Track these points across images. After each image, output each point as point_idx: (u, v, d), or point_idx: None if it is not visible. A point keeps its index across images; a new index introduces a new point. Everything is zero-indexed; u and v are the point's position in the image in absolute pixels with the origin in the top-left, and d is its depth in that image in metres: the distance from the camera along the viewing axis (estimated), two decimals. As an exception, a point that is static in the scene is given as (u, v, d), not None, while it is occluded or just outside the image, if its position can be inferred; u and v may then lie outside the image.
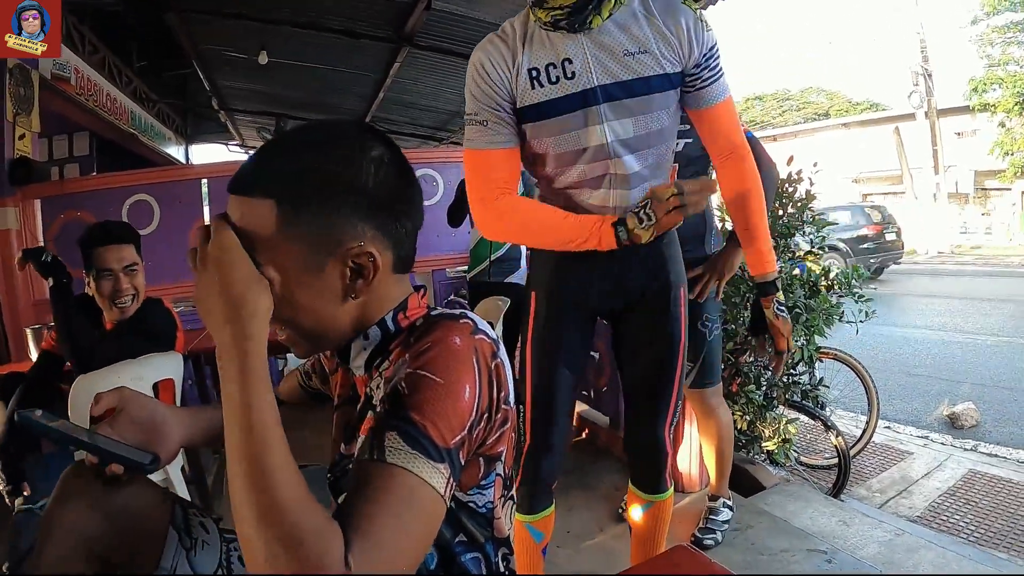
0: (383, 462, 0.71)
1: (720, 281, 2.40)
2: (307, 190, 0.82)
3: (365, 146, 0.88)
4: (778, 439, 3.14)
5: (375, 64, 7.09)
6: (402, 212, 0.90)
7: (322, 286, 0.85)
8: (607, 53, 1.50)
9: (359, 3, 5.56)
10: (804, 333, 3.05)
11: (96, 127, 7.35)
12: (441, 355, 0.78)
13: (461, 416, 0.76)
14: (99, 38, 6.86)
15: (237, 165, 3.08)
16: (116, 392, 1.03)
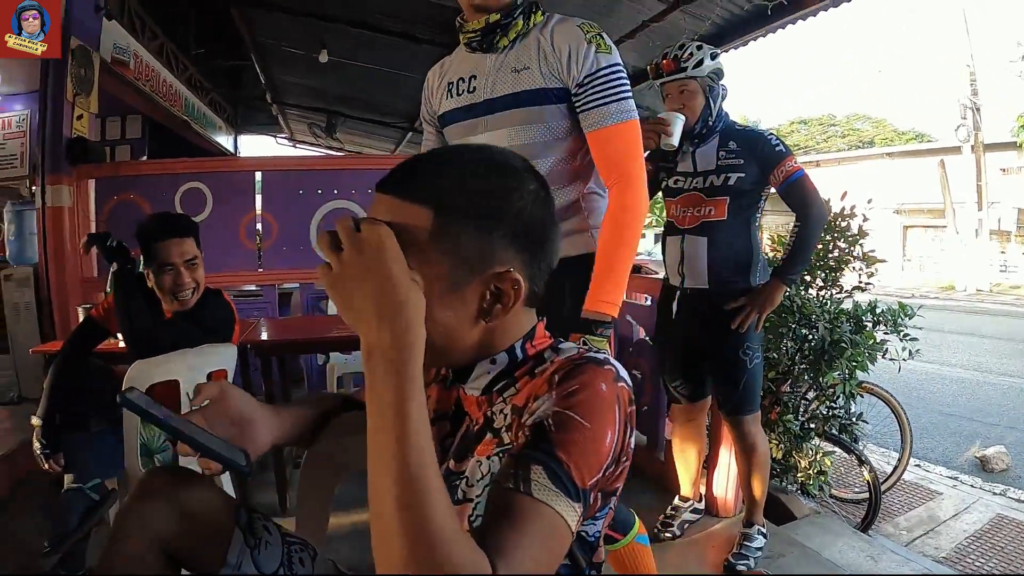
0: (529, 495, 0.72)
1: (761, 314, 2.43)
2: (469, 206, 0.83)
3: (528, 178, 0.89)
4: (813, 471, 3.12)
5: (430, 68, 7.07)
6: (547, 249, 0.91)
7: (459, 303, 0.85)
8: (503, 70, 1.69)
9: (420, 8, 5.58)
10: (847, 367, 3.02)
11: (149, 111, 7.44)
12: (588, 400, 0.79)
13: (601, 461, 0.78)
14: (159, 25, 6.97)
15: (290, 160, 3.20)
16: (216, 385, 1.05)
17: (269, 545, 1.11)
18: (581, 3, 5.02)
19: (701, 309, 2.54)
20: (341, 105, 9.86)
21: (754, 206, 2.50)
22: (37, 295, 4.52)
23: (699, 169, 2.52)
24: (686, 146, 2.54)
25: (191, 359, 2.30)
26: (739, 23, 4.66)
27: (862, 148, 30.94)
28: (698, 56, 2.43)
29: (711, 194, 2.48)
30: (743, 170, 2.42)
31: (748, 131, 2.53)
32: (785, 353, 3.06)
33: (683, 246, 2.54)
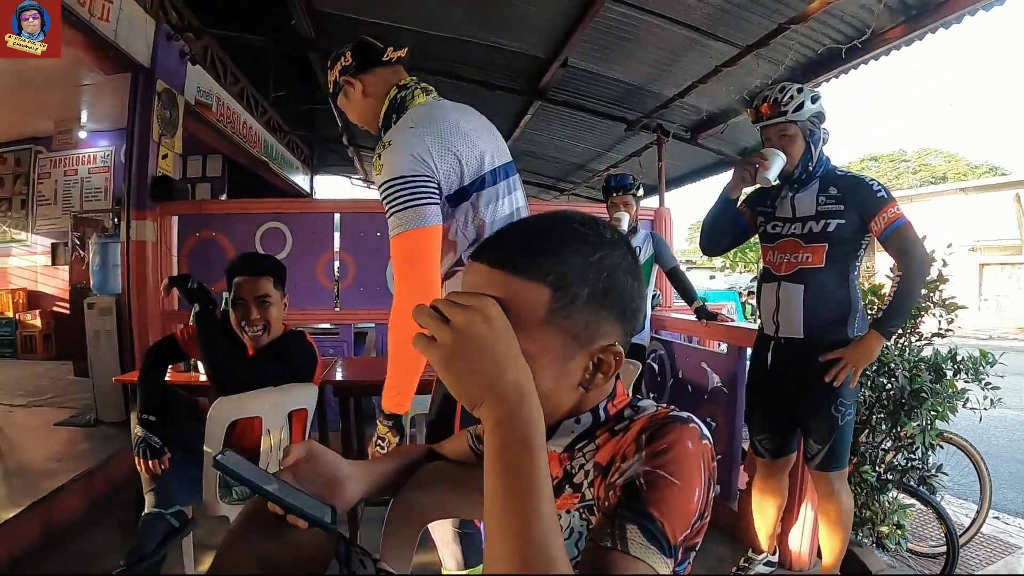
0: (627, 553, 0.74)
1: (857, 368, 2.36)
2: (585, 285, 0.85)
3: (624, 250, 0.92)
4: (891, 523, 3.02)
5: (505, 114, 7.19)
6: (638, 319, 0.94)
7: (564, 374, 0.88)
8: None
9: (498, 56, 5.71)
10: (926, 417, 2.93)
11: (230, 151, 7.72)
12: (677, 458, 0.81)
13: (690, 517, 0.79)
14: (241, 69, 7.26)
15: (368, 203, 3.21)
16: (304, 445, 1.11)
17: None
18: (651, 53, 5.11)
19: (795, 360, 2.48)
20: (414, 148, 9.99)
21: (854, 254, 2.43)
22: (119, 324, 4.71)
23: (798, 215, 2.47)
24: (785, 191, 2.52)
25: (273, 397, 2.36)
26: (811, 66, 4.64)
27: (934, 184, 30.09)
28: (799, 100, 2.40)
29: (809, 240, 2.42)
30: (843, 216, 2.36)
31: (849, 176, 2.46)
32: (863, 403, 2.98)
33: (779, 293, 2.49)
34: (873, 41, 4.14)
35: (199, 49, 5.71)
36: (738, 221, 2.65)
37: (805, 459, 2.57)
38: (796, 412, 2.56)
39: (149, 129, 4.70)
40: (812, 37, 4.34)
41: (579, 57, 5.31)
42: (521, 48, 5.45)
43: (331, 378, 2.99)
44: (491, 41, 5.43)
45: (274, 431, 2.40)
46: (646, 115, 6.19)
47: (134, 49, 4.52)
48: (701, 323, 3.51)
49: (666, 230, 4.88)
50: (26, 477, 3.56)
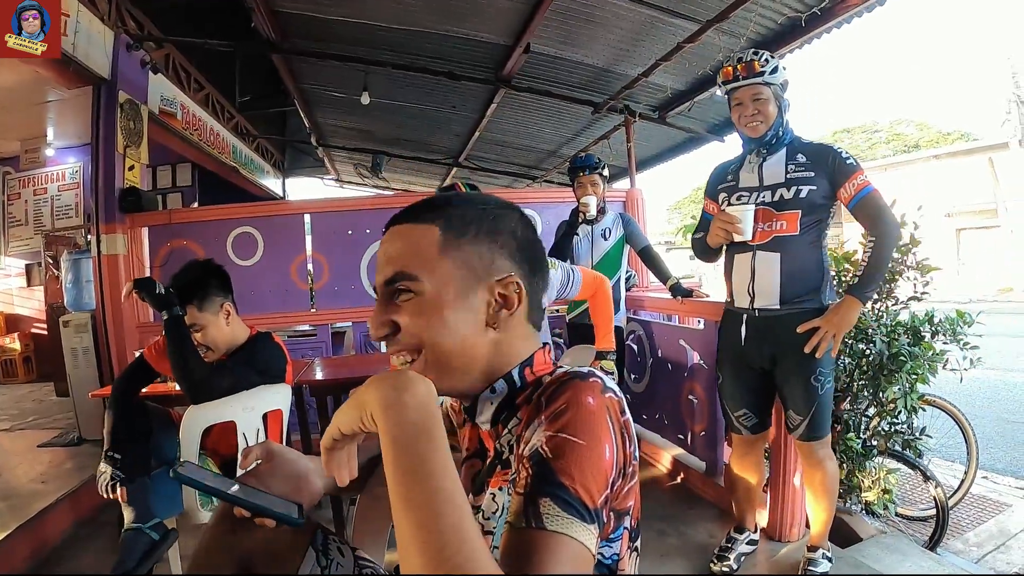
0: (544, 529, 0.71)
1: (836, 336, 2.35)
2: (471, 222, 0.95)
3: (518, 211, 1.02)
4: (878, 489, 3.03)
5: (472, 104, 7.21)
6: (539, 268, 1.01)
7: (469, 307, 0.92)
8: None
9: (460, 46, 5.68)
10: (907, 381, 2.94)
11: (199, 159, 7.68)
12: (578, 416, 0.79)
13: (604, 475, 0.77)
14: (205, 76, 7.19)
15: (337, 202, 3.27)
16: (261, 447, 1.10)
17: (340, 567, 1.13)
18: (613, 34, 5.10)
19: (771, 333, 2.46)
20: (385, 144, 10.00)
21: (825, 221, 2.43)
22: (95, 340, 4.66)
23: (766, 183, 2.45)
24: (751, 160, 2.50)
25: (246, 400, 2.34)
26: (773, 37, 4.64)
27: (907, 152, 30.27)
28: (773, 63, 2.40)
29: (781, 208, 2.40)
30: (814, 182, 2.35)
31: (817, 144, 2.46)
32: (843, 370, 2.99)
33: (754, 263, 2.45)
34: (834, 8, 4.15)
35: (160, 58, 5.65)
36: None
37: (788, 430, 2.55)
38: (774, 385, 2.55)
39: (114, 141, 4.66)
40: (771, 7, 4.35)
41: (541, 42, 5.31)
42: (483, 36, 5.43)
43: (309, 378, 2.95)
44: (453, 31, 5.42)
45: (250, 434, 2.37)
46: (612, 97, 6.18)
47: (94, 61, 4.47)
48: (677, 301, 3.50)
49: (638, 211, 4.87)
50: (13, 500, 3.52)
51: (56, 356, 5.29)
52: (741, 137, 2.55)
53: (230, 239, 4.55)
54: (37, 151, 7.68)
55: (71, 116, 6.58)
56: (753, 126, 2.43)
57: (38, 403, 6.35)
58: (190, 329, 2.36)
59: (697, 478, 3.48)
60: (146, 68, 5.23)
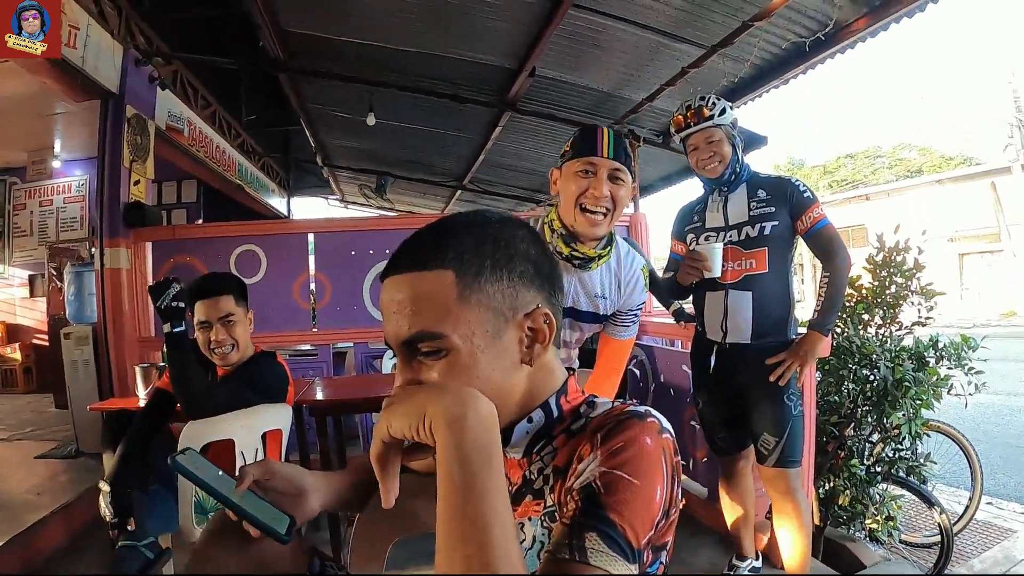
0: (587, 563, 0.71)
1: (802, 367, 2.41)
2: (486, 258, 0.87)
3: (520, 223, 0.94)
4: (882, 516, 3.00)
5: (477, 127, 7.23)
6: (557, 284, 0.94)
7: (502, 351, 0.87)
8: (584, 290, 2.04)
9: (466, 69, 5.71)
10: (911, 406, 2.92)
11: (204, 176, 7.70)
12: (635, 457, 0.78)
13: (652, 517, 0.77)
14: (212, 94, 7.22)
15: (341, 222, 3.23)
16: (262, 465, 1.07)
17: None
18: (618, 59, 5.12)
19: (740, 363, 2.51)
20: (390, 166, 10.02)
21: (789, 254, 2.50)
22: (96, 353, 4.65)
23: (732, 222, 2.51)
24: (713, 200, 2.56)
25: (244, 419, 2.33)
26: (777, 63, 4.68)
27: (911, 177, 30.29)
28: (720, 105, 2.46)
29: (749, 246, 2.46)
30: (776, 218, 2.42)
31: (774, 178, 2.53)
32: (847, 396, 2.97)
33: (727, 302, 2.51)
34: (838, 34, 4.19)
35: (168, 74, 5.68)
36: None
37: (760, 459, 2.53)
38: (746, 410, 2.56)
39: (120, 155, 4.66)
40: (776, 33, 4.38)
41: (547, 66, 5.34)
42: (489, 60, 5.47)
43: (310, 398, 2.94)
44: (459, 54, 5.45)
45: (248, 453, 2.35)
46: (616, 121, 6.21)
47: (102, 75, 4.49)
48: (680, 326, 3.48)
49: (642, 236, 4.86)
50: (7, 511, 3.49)
51: (56, 367, 5.29)
52: (701, 180, 2.62)
53: (233, 256, 4.54)
54: (44, 162, 7.72)
55: (78, 129, 6.63)
56: (712, 167, 2.50)
57: (37, 414, 6.33)
58: (226, 319, 2.40)
59: (699, 504, 3.44)
60: (154, 84, 5.25)
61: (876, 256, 3.09)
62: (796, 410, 2.44)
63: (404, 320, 0.85)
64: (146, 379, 3.20)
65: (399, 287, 0.87)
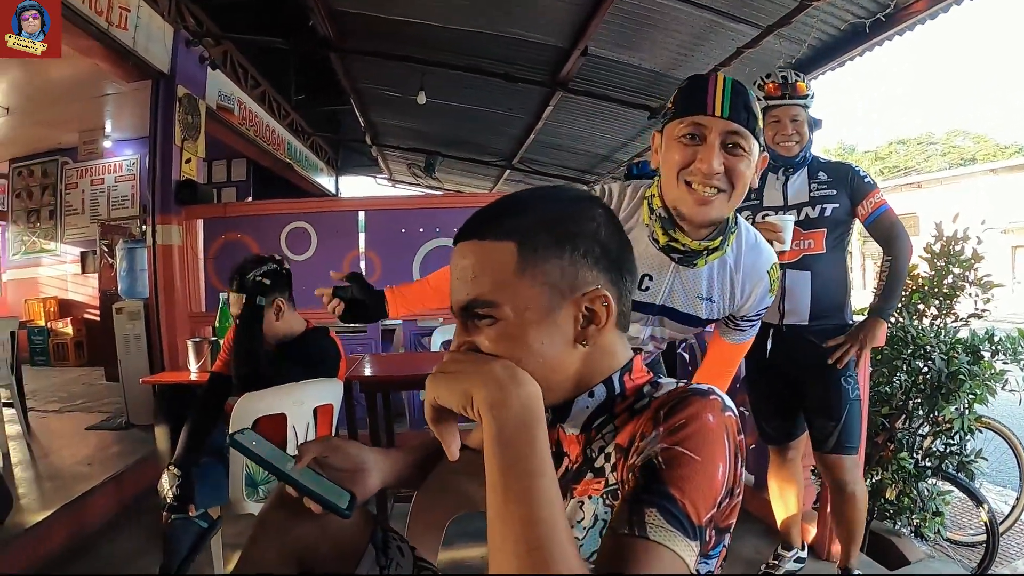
0: (646, 539, 0.70)
1: (861, 351, 2.37)
2: (549, 234, 0.86)
3: (595, 204, 0.92)
4: (929, 512, 2.95)
5: (528, 106, 7.19)
6: (628, 268, 0.92)
7: (555, 328, 0.86)
8: (683, 288, 1.60)
9: (518, 48, 5.68)
10: (965, 400, 2.86)
11: (254, 155, 7.82)
12: (697, 433, 0.77)
13: (714, 494, 0.76)
14: (262, 73, 7.31)
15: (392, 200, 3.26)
16: (322, 442, 1.09)
17: (400, 567, 1.13)
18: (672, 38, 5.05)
19: (798, 346, 2.46)
20: (439, 145, 10.02)
21: (846, 239, 2.48)
22: (147, 328, 4.76)
23: (791, 202, 2.47)
24: (775, 179, 2.51)
25: (296, 393, 2.36)
26: (834, 44, 4.56)
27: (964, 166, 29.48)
28: (812, 90, 2.43)
29: (808, 227, 2.42)
30: (836, 201, 2.40)
31: (835, 162, 2.51)
32: (899, 387, 2.91)
33: (785, 281, 2.45)
34: (898, 15, 4.07)
35: (219, 54, 5.74)
36: None
37: (816, 447, 2.51)
38: (801, 395, 2.54)
39: (171, 134, 4.76)
40: (834, 13, 4.28)
41: (599, 45, 5.25)
42: (541, 39, 5.43)
43: (359, 374, 2.97)
44: (511, 33, 5.42)
45: (299, 428, 2.39)
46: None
47: (153, 56, 4.57)
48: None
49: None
50: (58, 481, 3.61)
51: (107, 342, 5.42)
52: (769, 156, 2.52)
53: (284, 234, 4.60)
54: (95, 143, 7.90)
55: (129, 110, 6.77)
56: (788, 146, 2.44)
57: (88, 387, 6.52)
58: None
59: (745, 492, 3.37)
60: (204, 64, 5.33)
61: (933, 245, 3.02)
62: (853, 393, 2.41)
63: (464, 286, 0.86)
64: (198, 353, 3.27)
65: (464, 253, 0.88)
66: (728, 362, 1.87)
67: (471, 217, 0.91)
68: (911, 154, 37.75)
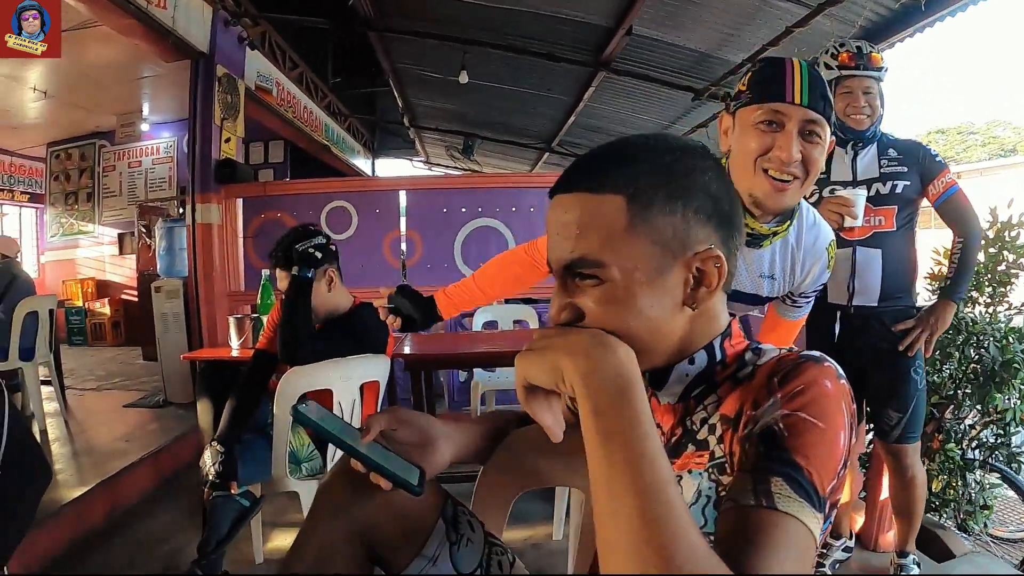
0: (774, 509, 0.66)
1: (932, 336, 2.30)
2: (660, 188, 0.79)
3: (707, 155, 0.86)
4: (977, 505, 2.88)
5: (569, 87, 7.10)
6: (737, 224, 0.86)
7: (664, 289, 0.80)
8: (747, 268, 1.62)
9: (561, 27, 5.59)
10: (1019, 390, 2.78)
11: (291, 136, 7.87)
12: (818, 399, 0.73)
13: (836, 462, 0.72)
14: (299, 54, 7.32)
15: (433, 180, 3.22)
16: (390, 414, 1.05)
17: (470, 543, 1.08)
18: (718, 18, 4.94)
19: (867, 330, 2.38)
20: (478, 127, 9.97)
21: (915, 219, 2.39)
22: (186, 306, 4.80)
23: (861, 177, 2.38)
24: (846, 149, 2.41)
25: (343, 369, 2.35)
26: (884, 25, 4.42)
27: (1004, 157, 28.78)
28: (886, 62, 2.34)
29: (878, 203, 2.33)
30: (907, 178, 2.31)
31: (906, 140, 2.41)
32: (949, 377, 2.85)
33: (855, 258, 2.37)
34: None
35: (257, 35, 5.76)
36: None
37: (881, 435, 2.44)
38: (867, 383, 2.46)
39: (211, 113, 4.79)
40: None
41: (644, 25, 5.14)
42: (585, 17, 5.33)
43: (400, 352, 2.97)
44: (554, 11, 5.32)
45: (346, 403, 2.39)
46: (714, 83, 5.94)
47: (193, 36, 4.59)
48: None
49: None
50: (95, 457, 3.66)
51: (145, 321, 5.49)
52: (837, 129, 2.42)
53: (324, 212, 4.59)
54: (132, 125, 8.01)
55: (165, 91, 6.84)
56: (859, 119, 2.34)
57: (125, 366, 6.63)
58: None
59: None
60: (243, 44, 5.35)
61: (987, 230, 2.94)
62: (921, 384, 2.35)
63: (567, 243, 0.80)
64: (239, 330, 3.28)
65: (566, 207, 0.82)
66: (782, 339, 1.87)
67: (571, 165, 0.85)
68: (950, 144, 36.90)
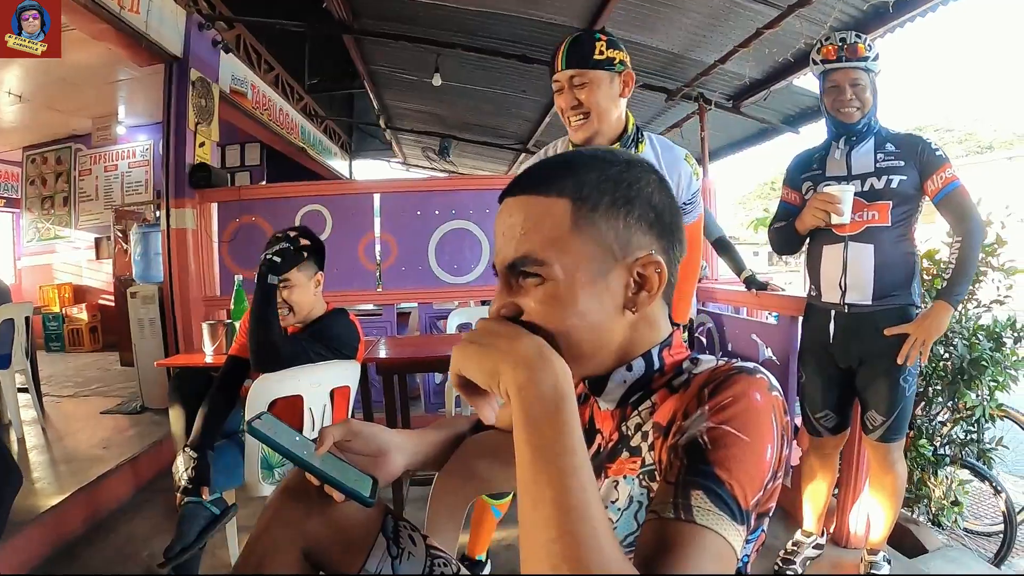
0: (693, 523, 0.67)
1: (927, 342, 2.24)
2: (606, 194, 0.83)
3: (650, 168, 0.90)
4: (948, 500, 2.92)
5: (543, 88, 7.03)
6: (679, 236, 0.90)
7: (605, 291, 0.83)
8: None
9: (534, 30, 5.62)
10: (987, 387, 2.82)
11: (267, 139, 7.85)
12: (744, 412, 0.74)
13: (762, 476, 0.72)
14: (275, 57, 7.32)
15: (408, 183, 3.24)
16: (342, 427, 1.06)
17: (412, 556, 1.10)
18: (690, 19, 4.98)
19: (861, 331, 2.36)
20: (454, 128, 10.00)
21: (913, 214, 2.32)
22: (162, 312, 4.77)
23: (855, 172, 2.35)
24: (837, 148, 2.40)
25: (313, 375, 2.34)
26: (855, 26, 4.45)
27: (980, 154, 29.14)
28: (875, 50, 2.29)
29: (872, 198, 2.30)
30: (904, 172, 2.26)
31: (904, 134, 2.35)
32: (920, 374, 2.87)
33: (846, 254, 2.35)
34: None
35: (232, 38, 5.74)
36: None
37: (866, 431, 2.44)
38: (857, 384, 2.45)
39: (185, 118, 4.75)
40: (857, -8, 4.18)
41: (616, 26, 5.15)
42: (557, 19, 5.36)
43: (375, 357, 2.96)
44: (527, 14, 5.35)
45: (316, 410, 2.38)
46: (687, 84, 6.02)
47: (166, 40, 4.56)
48: (751, 293, 3.38)
49: (710, 202, 4.75)
50: (74, 464, 3.62)
51: (121, 326, 5.45)
52: (829, 123, 2.42)
53: (299, 217, 4.59)
54: (108, 129, 7.95)
55: (142, 95, 6.79)
56: (848, 112, 2.31)
57: (103, 371, 6.56)
58: (283, 282, 2.40)
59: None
60: (217, 48, 5.32)
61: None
62: (909, 391, 2.33)
63: (512, 243, 0.84)
64: (213, 335, 3.26)
65: (512, 209, 0.85)
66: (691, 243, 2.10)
67: (521, 173, 0.89)
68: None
